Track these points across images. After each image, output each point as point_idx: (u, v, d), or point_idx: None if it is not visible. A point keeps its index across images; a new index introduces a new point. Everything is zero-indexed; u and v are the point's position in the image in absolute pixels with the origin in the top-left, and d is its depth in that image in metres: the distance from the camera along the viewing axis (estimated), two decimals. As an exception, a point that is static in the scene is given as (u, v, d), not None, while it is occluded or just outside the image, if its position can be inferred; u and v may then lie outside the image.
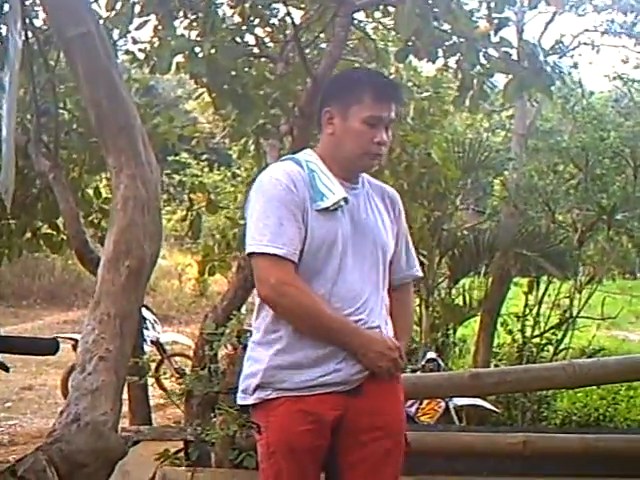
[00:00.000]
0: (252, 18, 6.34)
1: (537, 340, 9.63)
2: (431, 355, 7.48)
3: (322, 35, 6.68)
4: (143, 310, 9.13)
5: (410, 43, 6.09)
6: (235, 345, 4.03)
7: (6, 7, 4.64)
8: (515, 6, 9.47)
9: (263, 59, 6.75)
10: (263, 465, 2.89)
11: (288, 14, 6.28)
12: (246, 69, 6.34)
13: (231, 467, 3.96)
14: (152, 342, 10.43)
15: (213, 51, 5.61)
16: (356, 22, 6.93)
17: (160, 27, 6.02)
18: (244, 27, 6.34)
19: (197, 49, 5.64)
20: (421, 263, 9.49)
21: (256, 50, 6.60)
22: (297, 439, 2.79)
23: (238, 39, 6.27)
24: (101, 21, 5.41)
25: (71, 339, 10.20)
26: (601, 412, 9.18)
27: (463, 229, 10.66)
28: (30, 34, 5.68)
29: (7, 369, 2.60)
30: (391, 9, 6.47)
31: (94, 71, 3.14)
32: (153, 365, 9.36)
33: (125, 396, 5.47)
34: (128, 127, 3.13)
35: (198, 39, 5.82)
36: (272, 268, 2.74)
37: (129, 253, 2.91)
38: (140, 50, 6.29)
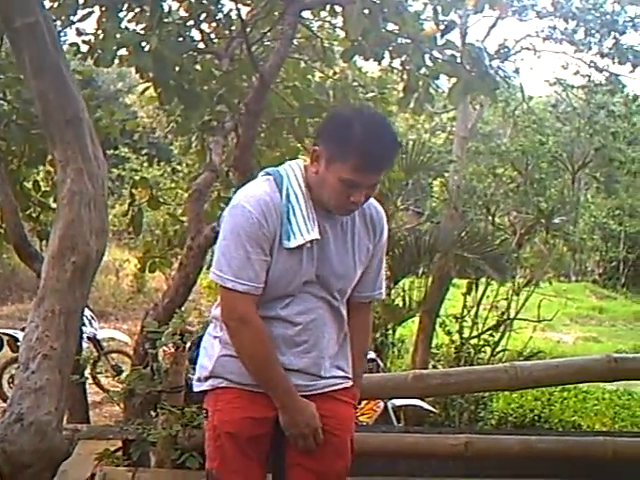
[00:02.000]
0: (198, 13, 6.27)
1: (475, 341, 9.73)
2: (370, 355, 7.49)
3: (269, 32, 6.63)
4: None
5: (356, 43, 6.09)
6: (178, 344, 3.97)
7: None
8: (461, 9, 9.56)
9: (209, 55, 6.69)
10: (210, 448, 2.94)
11: (235, 10, 6.22)
12: (192, 65, 6.27)
13: (173, 467, 3.91)
14: (89, 339, 10.29)
15: (159, 45, 5.54)
16: (303, 20, 6.92)
17: (104, 19, 5.92)
18: (190, 22, 6.27)
19: (143, 43, 5.57)
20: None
21: (202, 46, 6.54)
22: (239, 426, 2.85)
23: (184, 34, 6.19)
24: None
25: (5, 334, 10.02)
26: (536, 413, 9.31)
27: (404, 230, 10.71)
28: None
29: None
30: (338, 9, 6.46)
31: (42, 62, 3.07)
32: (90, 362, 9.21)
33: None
34: (76, 120, 3.07)
35: (144, 33, 5.75)
36: (231, 301, 2.78)
37: (75, 249, 2.86)
38: (84, 42, 6.17)
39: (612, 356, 4.09)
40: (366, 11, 5.58)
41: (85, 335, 9.82)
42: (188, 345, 3.99)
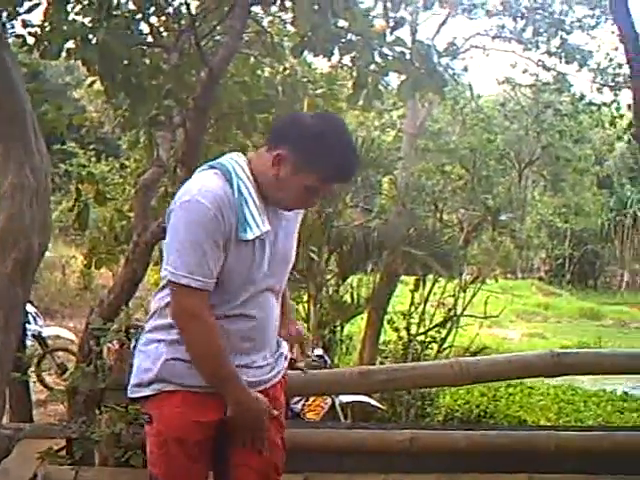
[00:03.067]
0: (147, 6, 6.21)
1: (422, 338, 9.80)
2: (318, 352, 7.51)
3: (218, 26, 6.59)
4: (25, 302, 8.85)
5: (306, 39, 6.08)
6: (123, 341, 3.93)
7: None
8: (411, 6, 9.60)
9: (158, 49, 6.62)
10: (154, 454, 2.89)
11: (184, 4, 6.17)
12: (140, 58, 6.20)
13: (116, 465, 3.87)
14: (33, 336, 10.12)
15: (106, 38, 5.47)
16: (253, 15, 6.89)
17: (51, 11, 5.83)
18: (139, 15, 6.20)
19: (90, 35, 5.50)
20: (311, 260, 9.58)
21: (151, 39, 6.46)
22: (187, 430, 2.81)
23: (132, 27, 6.12)
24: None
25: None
26: (482, 409, 9.41)
27: (352, 227, 10.74)
28: None
29: None
30: (288, 4, 6.44)
31: (-17, 54, 3.02)
32: (34, 360, 9.09)
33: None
34: (19, 113, 3.01)
35: (91, 25, 5.67)
36: (183, 297, 2.74)
37: (16, 244, 2.82)
38: (30, 34, 6.06)
39: (555, 352, 4.13)
40: (316, 7, 5.58)
41: (30, 332, 9.65)
42: (134, 342, 3.95)
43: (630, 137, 14.93)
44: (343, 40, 6.14)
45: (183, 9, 6.25)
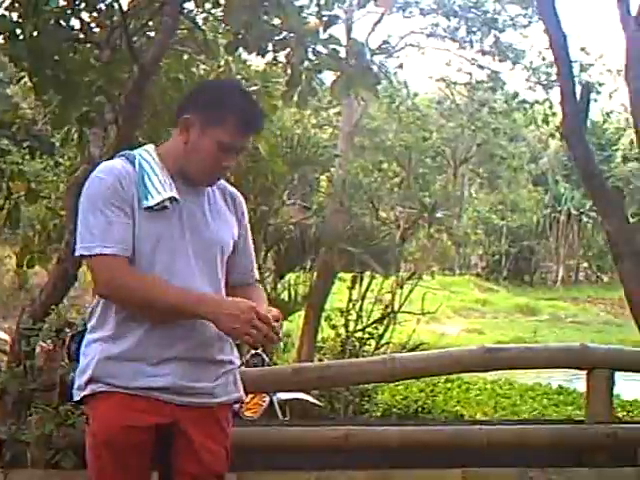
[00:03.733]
0: (78, 2, 6.12)
1: (360, 334, 9.82)
2: (255, 350, 7.47)
3: (150, 23, 6.53)
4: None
5: (240, 36, 6.06)
6: (54, 341, 3.88)
7: None
8: (344, 4, 9.62)
9: (88, 45, 6.52)
10: (89, 455, 2.84)
11: (116, 0, 6.10)
12: (70, 54, 6.12)
13: (47, 467, 3.81)
14: (-35, 336, 9.94)
15: (35, 34, 5.39)
16: (185, 12, 6.83)
17: (-22, 6, 5.73)
18: (69, 10, 6.11)
19: (18, 31, 5.41)
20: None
21: (81, 35, 6.37)
22: (116, 433, 2.74)
23: (63, 23, 6.03)
24: None
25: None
26: (420, 404, 9.45)
27: (289, 224, 10.73)
28: None
29: None
30: (221, 1, 6.41)
31: None
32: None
33: None
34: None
35: (19, 21, 5.58)
36: (103, 267, 2.71)
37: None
38: (-44, 30, 5.95)
39: (487, 347, 4.19)
40: (248, 3, 5.56)
41: (-39, 333, 9.50)
42: (67, 341, 3.89)
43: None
44: (277, 38, 6.14)
45: (115, 5, 6.17)
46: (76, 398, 2.88)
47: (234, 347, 2.98)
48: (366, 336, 9.79)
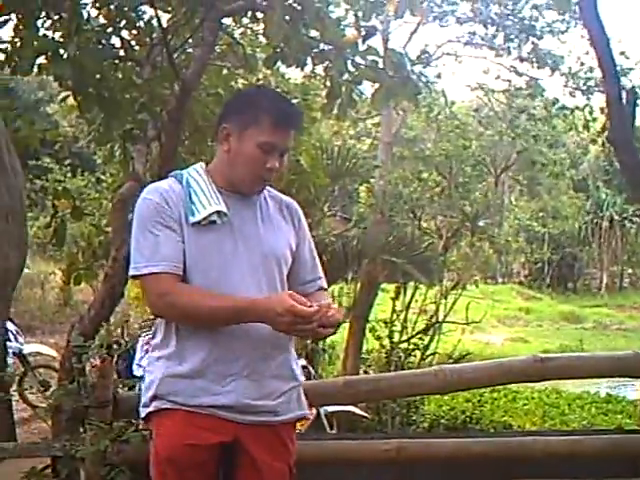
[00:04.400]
0: (118, 20, 6.18)
1: (405, 345, 9.76)
2: (302, 363, 7.46)
3: (190, 39, 6.57)
4: (4, 321, 8.76)
5: (279, 50, 6.07)
6: (104, 357, 3.89)
7: None
8: (382, 15, 9.60)
9: (130, 62, 6.59)
10: (153, 472, 2.87)
11: (155, 17, 6.14)
12: (112, 72, 6.17)
13: (101, 484, 3.82)
14: (14, 354, 10.01)
15: (78, 53, 5.44)
16: (224, 27, 6.87)
17: (22, 27, 5.80)
18: (110, 29, 6.17)
19: (61, 50, 5.46)
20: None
21: (122, 53, 6.43)
22: (180, 451, 2.76)
23: (104, 41, 6.09)
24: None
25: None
26: (467, 415, 9.39)
27: (331, 236, 10.71)
28: None
29: None
30: (259, 15, 6.43)
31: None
32: (16, 378, 8.99)
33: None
34: (-10, 130, 2.98)
35: (62, 40, 5.64)
36: (152, 286, 2.75)
37: (-8, 262, 2.77)
38: (1, 50, 6.03)
39: (538, 356, 4.12)
40: (287, 17, 5.57)
41: (10, 351, 9.56)
42: (115, 358, 3.91)
43: (604, 140, 15.03)
44: (315, 50, 6.14)
45: (154, 22, 6.22)
46: (142, 415, 2.93)
47: (297, 362, 2.98)
48: (411, 347, 9.72)
